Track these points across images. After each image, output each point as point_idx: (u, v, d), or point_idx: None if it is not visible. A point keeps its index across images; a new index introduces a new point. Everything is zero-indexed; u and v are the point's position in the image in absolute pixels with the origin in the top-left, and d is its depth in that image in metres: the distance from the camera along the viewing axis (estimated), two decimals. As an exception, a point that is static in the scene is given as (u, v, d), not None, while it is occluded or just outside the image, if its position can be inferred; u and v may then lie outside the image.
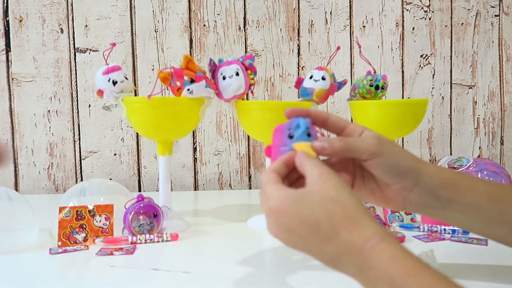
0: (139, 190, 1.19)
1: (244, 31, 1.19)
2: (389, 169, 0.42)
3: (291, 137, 0.44)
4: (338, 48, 0.77)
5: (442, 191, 0.43)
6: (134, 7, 1.15)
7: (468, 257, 0.58)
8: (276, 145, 0.46)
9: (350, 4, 1.23)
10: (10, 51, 1.13)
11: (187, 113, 0.73)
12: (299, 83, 0.76)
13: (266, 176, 0.40)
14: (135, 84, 1.16)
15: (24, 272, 0.56)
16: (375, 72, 0.77)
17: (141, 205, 0.69)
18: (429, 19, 1.26)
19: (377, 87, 0.74)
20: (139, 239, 0.66)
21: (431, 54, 1.27)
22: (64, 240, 0.64)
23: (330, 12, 1.22)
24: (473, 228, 0.45)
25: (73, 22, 1.14)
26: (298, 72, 1.22)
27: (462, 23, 1.28)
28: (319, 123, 0.45)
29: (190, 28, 1.18)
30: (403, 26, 1.26)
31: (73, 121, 1.16)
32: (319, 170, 0.38)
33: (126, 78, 0.72)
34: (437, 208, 0.43)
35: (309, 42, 1.22)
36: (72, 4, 1.13)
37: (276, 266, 0.58)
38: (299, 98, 0.77)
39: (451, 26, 1.28)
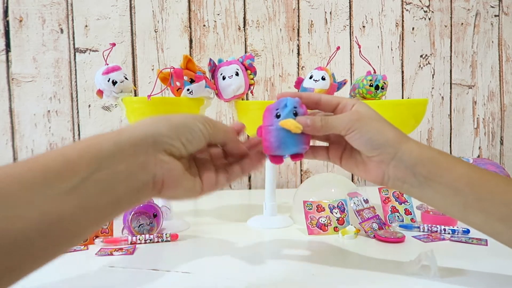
0: (139, 190, 1.18)
1: (244, 31, 1.19)
2: (366, 142, 0.44)
3: (278, 116, 0.46)
4: (338, 48, 0.77)
5: (420, 168, 0.43)
6: (134, 7, 1.15)
7: (468, 257, 0.58)
8: (264, 125, 0.47)
9: (350, 4, 1.23)
10: (10, 51, 1.13)
11: (187, 113, 0.73)
12: (299, 83, 0.76)
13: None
14: (135, 84, 1.16)
15: (24, 272, 0.55)
16: (375, 72, 0.77)
17: (141, 205, 0.69)
18: (429, 19, 1.26)
19: (377, 87, 0.74)
20: (139, 239, 0.66)
21: (431, 54, 1.27)
22: (64, 240, 0.64)
23: (330, 12, 1.22)
24: (449, 211, 0.44)
25: (73, 22, 1.14)
26: (298, 72, 1.22)
27: (462, 23, 1.28)
28: (312, 104, 0.48)
29: (190, 28, 1.18)
30: (403, 26, 1.26)
31: (73, 121, 1.16)
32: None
33: (126, 78, 0.72)
34: (414, 185, 0.44)
35: (309, 42, 1.22)
36: (72, 4, 1.13)
37: (276, 266, 0.58)
38: (299, 98, 0.77)
39: (451, 26, 1.28)
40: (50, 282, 0.53)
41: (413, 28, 1.26)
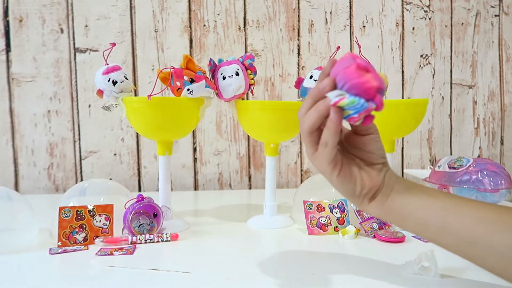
0: (139, 190, 1.19)
1: (244, 31, 1.19)
2: (380, 147, 0.47)
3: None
4: (338, 48, 0.77)
5: (403, 180, 0.48)
6: (134, 7, 1.15)
7: (468, 257, 0.58)
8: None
9: (350, 4, 1.23)
10: (10, 51, 1.13)
11: (187, 113, 0.73)
12: (299, 83, 0.76)
13: None
14: (135, 84, 1.16)
15: (24, 272, 0.56)
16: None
17: (141, 205, 0.69)
18: (429, 19, 1.26)
19: (377, 87, 0.74)
20: (139, 239, 0.66)
21: (431, 54, 1.27)
22: (64, 240, 0.64)
23: (330, 12, 1.22)
24: (428, 216, 0.44)
25: (73, 22, 1.14)
26: (298, 72, 1.22)
27: (462, 23, 1.28)
28: None
29: (190, 28, 1.18)
30: (403, 26, 1.26)
31: (73, 121, 1.16)
32: None
33: (126, 78, 0.72)
34: (400, 192, 0.46)
35: (309, 42, 1.22)
36: (72, 4, 1.13)
37: (276, 266, 0.58)
38: (299, 98, 0.77)
39: (451, 26, 1.28)
40: (50, 282, 0.53)
41: (413, 28, 1.26)
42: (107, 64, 0.71)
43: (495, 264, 0.41)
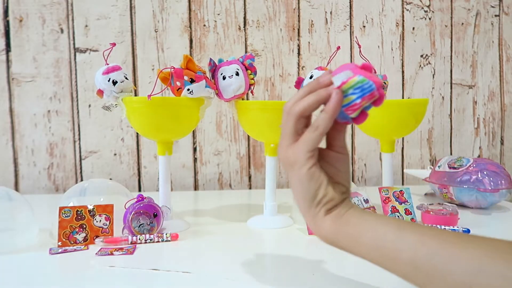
0: (139, 190, 1.19)
1: (244, 31, 1.19)
2: (346, 170, 0.46)
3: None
4: (338, 48, 0.77)
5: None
6: (134, 7, 1.15)
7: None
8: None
9: (350, 4, 1.23)
10: (10, 51, 1.13)
11: (187, 113, 0.73)
12: (299, 83, 0.76)
13: None
14: (135, 84, 1.16)
15: (24, 272, 0.56)
16: (375, 72, 0.77)
17: (141, 205, 0.69)
18: (429, 19, 1.26)
19: (377, 87, 0.74)
20: (139, 239, 0.66)
21: (431, 54, 1.27)
22: (64, 240, 0.64)
23: (330, 12, 1.22)
24: (382, 231, 0.41)
25: (73, 22, 1.14)
26: (298, 72, 1.22)
27: (462, 23, 1.28)
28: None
29: (190, 28, 1.18)
30: (403, 26, 1.26)
31: (73, 121, 1.16)
32: None
33: (126, 78, 0.72)
34: (357, 210, 0.44)
35: (309, 42, 1.22)
36: (72, 4, 1.13)
37: (276, 266, 0.58)
38: (299, 98, 0.77)
39: (451, 26, 1.28)
40: (50, 282, 0.53)
41: (413, 28, 1.26)
42: (107, 64, 0.71)
43: None
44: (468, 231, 0.68)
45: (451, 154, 1.31)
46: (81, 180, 1.17)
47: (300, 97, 0.43)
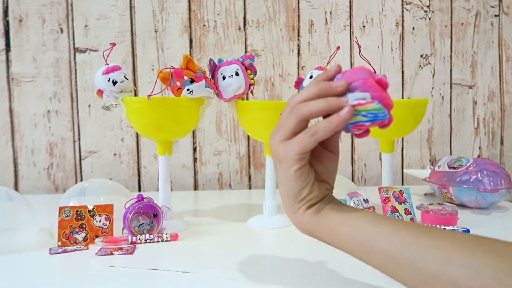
0: (139, 190, 1.19)
1: (244, 31, 1.19)
2: (334, 169, 0.47)
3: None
4: (338, 48, 0.77)
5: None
6: (134, 7, 1.15)
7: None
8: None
9: (350, 4, 1.23)
10: (10, 51, 1.13)
11: (187, 113, 0.73)
12: (299, 83, 0.76)
13: None
14: (135, 84, 1.16)
15: (24, 272, 0.56)
16: (375, 72, 0.77)
17: (141, 205, 0.69)
18: (429, 19, 1.26)
19: (377, 87, 0.74)
20: (139, 239, 0.66)
21: (431, 54, 1.27)
22: (64, 240, 0.64)
23: (330, 12, 1.22)
24: (360, 226, 0.42)
25: (73, 22, 1.14)
26: (298, 72, 1.22)
27: (462, 23, 1.28)
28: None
29: (190, 28, 1.18)
30: (403, 26, 1.26)
31: (73, 121, 1.16)
32: None
33: (126, 78, 0.72)
34: (337, 203, 0.45)
35: (309, 42, 1.22)
36: (72, 4, 1.13)
37: (276, 266, 0.58)
38: (299, 98, 0.77)
39: (451, 26, 1.28)
40: (50, 282, 0.53)
41: (413, 28, 1.26)
42: (107, 64, 0.71)
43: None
44: (468, 231, 0.68)
45: (451, 154, 1.31)
46: (81, 180, 1.17)
47: (308, 97, 0.42)
